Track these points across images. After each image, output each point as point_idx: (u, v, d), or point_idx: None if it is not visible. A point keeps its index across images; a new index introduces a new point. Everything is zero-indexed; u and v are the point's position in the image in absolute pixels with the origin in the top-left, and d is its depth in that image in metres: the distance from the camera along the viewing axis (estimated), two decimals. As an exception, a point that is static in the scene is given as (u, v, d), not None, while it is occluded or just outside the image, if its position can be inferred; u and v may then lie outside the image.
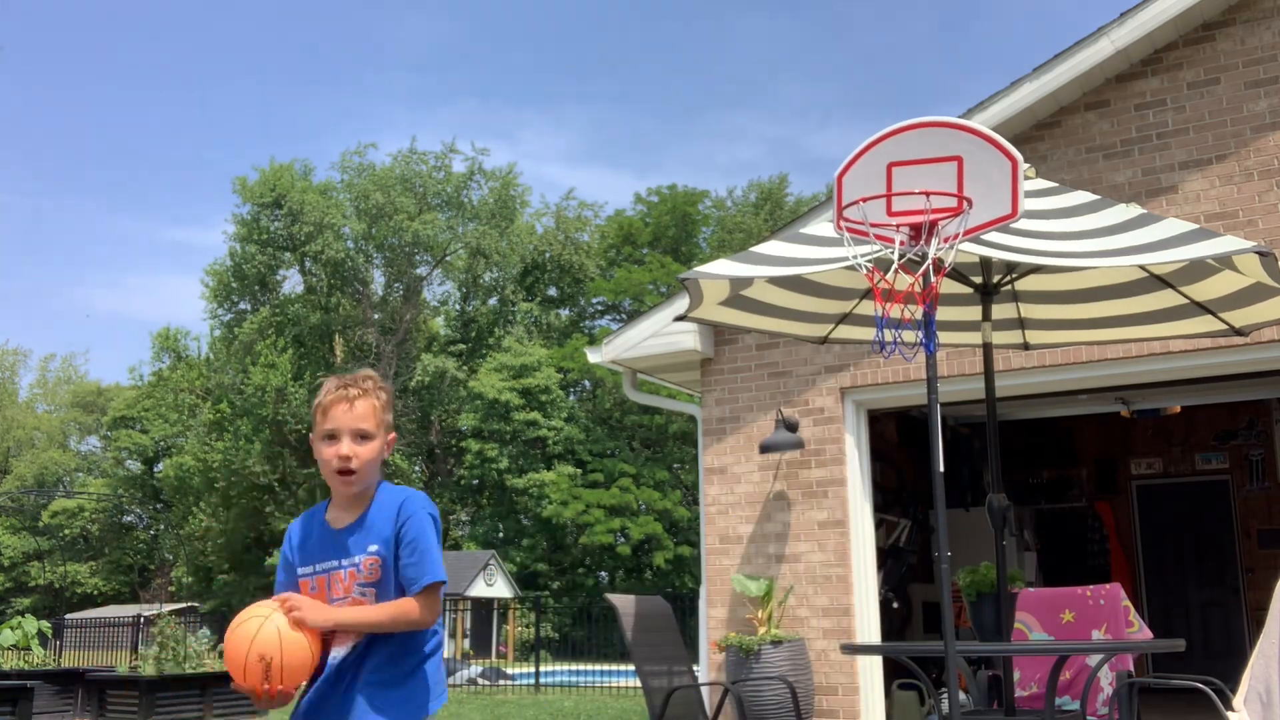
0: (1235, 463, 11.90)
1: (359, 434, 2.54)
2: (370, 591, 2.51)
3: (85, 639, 25.76)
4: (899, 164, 3.79)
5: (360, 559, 2.52)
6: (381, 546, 2.52)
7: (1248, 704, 3.39)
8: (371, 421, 2.56)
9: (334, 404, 2.55)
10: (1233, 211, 7.28)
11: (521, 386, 40.29)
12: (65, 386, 63.12)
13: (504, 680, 18.17)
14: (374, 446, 2.57)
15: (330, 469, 2.55)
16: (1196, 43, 7.58)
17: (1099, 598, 5.34)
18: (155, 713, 9.49)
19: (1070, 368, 7.61)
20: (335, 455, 2.53)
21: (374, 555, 2.52)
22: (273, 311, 46.58)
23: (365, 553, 2.52)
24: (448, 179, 45.76)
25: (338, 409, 2.55)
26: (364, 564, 2.52)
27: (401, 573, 2.51)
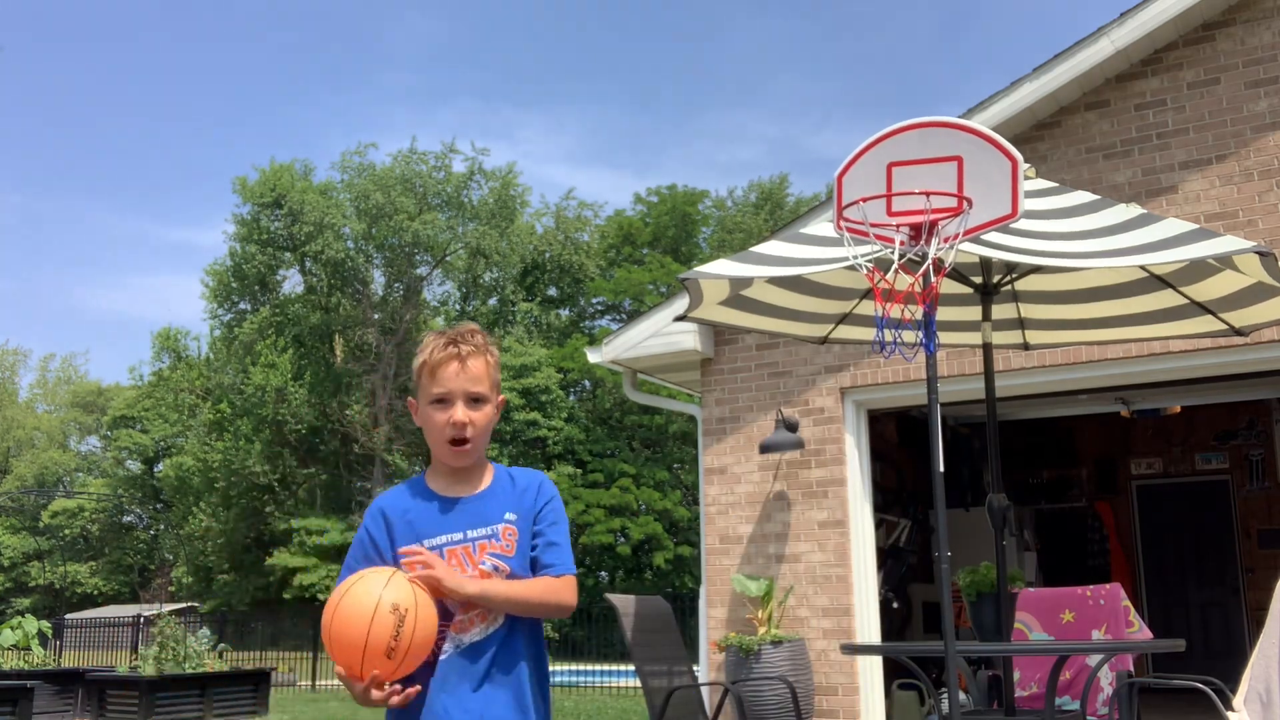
0: (1235, 463, 11.90)
1: (472, 398, 2.26)
2: (503, 568, 2.22)
3: (85, 639, 25.75)
4: (899, 164, 3.79)
5: (499, 527, 2.24)
6: (519, 519, 2.27)
7: (1248, 704, 3.39)
8: (485, 383, 2.28)
9: (443, 364, 2.26)
10: (1233, 211, 7.28)
11: (521, 386, 40.27)
12: (65, 386, 63.13)
13: (504, 680, 18.10)
14: (488, 412, 2.29)
15: (441, 438, 2.26)
16: (1196, 43, 7.58)
17: (1099, 598, 5.34)
18: (155, 713, 9.49)
19: (1070, 368, 7.61)
20: (449, 422, 2.24)
21: (511, 525, 2.25)
22: (273, 311, 46.58)
23: (503, 520, 2.25)
24: (448, 179, 45.75)
25: (448, 370, 2.25)
26: (503, 532, 2.23)
27: (539, 556, 2.27)
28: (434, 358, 2.28)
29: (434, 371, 2.27)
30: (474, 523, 2.25)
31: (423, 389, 2.31)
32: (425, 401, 2.30)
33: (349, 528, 43.68)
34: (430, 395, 2.28)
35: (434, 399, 2.27)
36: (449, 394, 2.25)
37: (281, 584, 43.20)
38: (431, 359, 2.29)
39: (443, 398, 2.26)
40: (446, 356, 2.27)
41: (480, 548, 2.23)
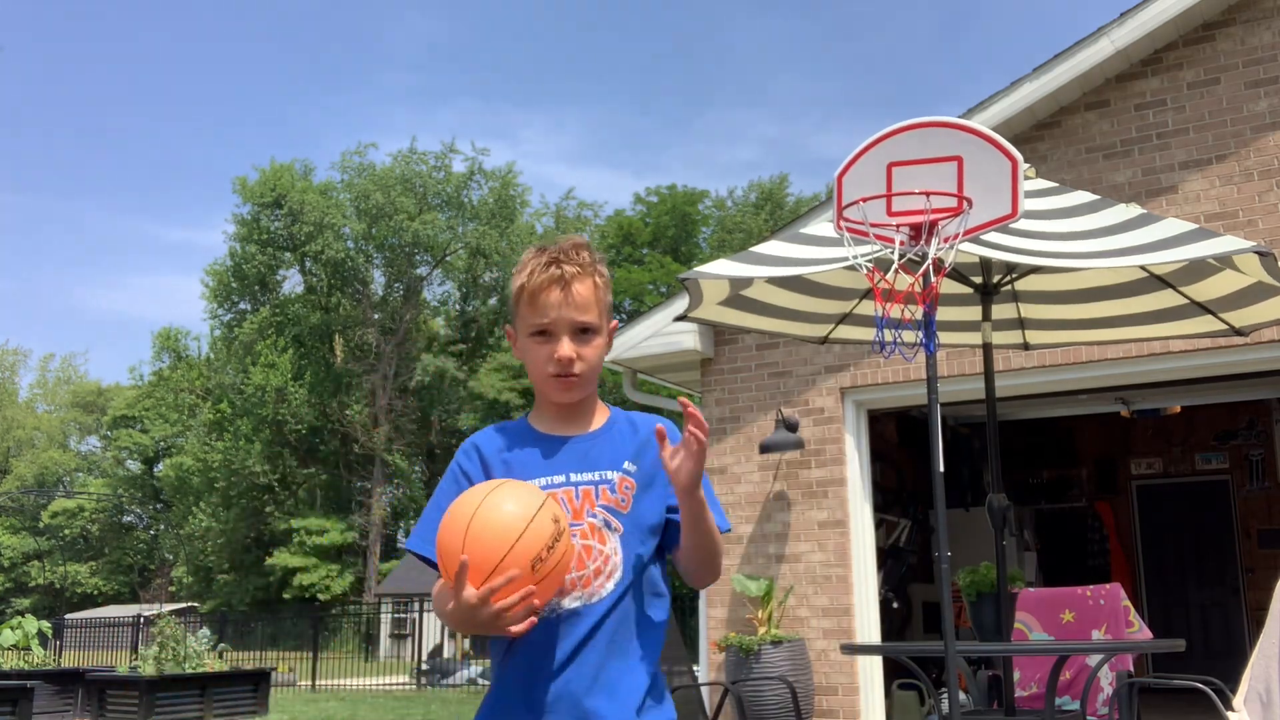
0: (1235, 463, 11.90)
1: (580, 327, 1.92)
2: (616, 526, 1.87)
3: (85, 639, 25.76)
4: (899, 164, 3.79)
5: (614, 476, 1.90)
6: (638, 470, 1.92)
7: (1248, 704, 3.39)
8: (594, 310, 1.94)
9: (544, 289, 1.91)
10: (1233, 211, 7.28)
11: (521, 387, 40.27)
12: (65, 386, 63.15)
13: (504, 680, 18.10)
14: (599, 343, 1.96)
15: (544, 373, 1.94)
16: (1196, 43, 7.58)
17: (1099, 598, 5.34)
18: (155, 713, 9.49)
19: (1070, 368, 7.61)
20: (552, 357, 1.91)
21: (630, 477, 1.91)
22: (273, 311, 46.61)
23: (620, 469, 1.91)
24: (448, 179, 45.79)
25: (550, 295, 1.91)
26: (619, 483, 1.89)
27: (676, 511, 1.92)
28: (533, 281, 1.93)
29: (533, 298, 1.92)
30: (580, 465, 1.91)
31: (520, 318, 1.96)
32: (524, 332, 1.96)
33: (349, 528, 43.69)
34: (529, 326, 1.94)
35: (534, 330, 1.93)
36: (551, 325, 1.91)
37: (281, 584, 43.22)
38: (530, 283, 1.93)
39: (544, 329, 1.92)
40: (547, 280, 1.91)
41: (585, 495, 1.88)
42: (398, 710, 12.55)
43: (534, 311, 1.92)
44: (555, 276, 1.91)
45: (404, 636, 29.40)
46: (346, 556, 43.88)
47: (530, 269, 1.94)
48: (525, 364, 2.00)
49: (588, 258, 1.96)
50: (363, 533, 43.95)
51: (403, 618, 29.62)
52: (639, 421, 2.00)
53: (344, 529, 43.47)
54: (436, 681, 18.45)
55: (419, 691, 16.68)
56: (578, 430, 1.97)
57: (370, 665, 25.63)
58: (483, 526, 1.66)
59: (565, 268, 1.91)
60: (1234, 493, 11.87)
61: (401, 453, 44.54)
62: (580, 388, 1.95)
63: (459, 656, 25.93)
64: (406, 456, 45.03)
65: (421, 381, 44.09)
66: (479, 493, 1.73)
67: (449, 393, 44.43)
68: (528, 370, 1.99)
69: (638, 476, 1.91)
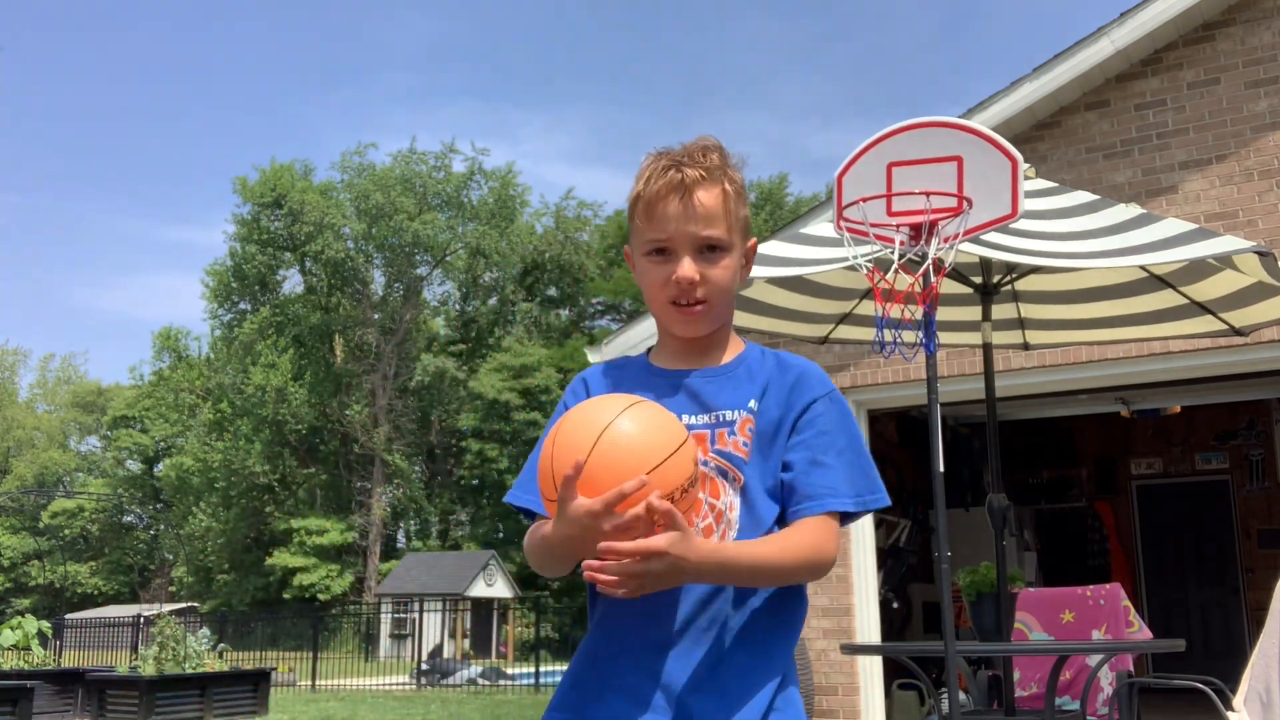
0: (1235, 463, 11.90)
1: (704, 243, 1.61)
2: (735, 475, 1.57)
3: (85, 639, 25.76)
4: (899, 164, 3.79)
5: (735, 416, 1.60)
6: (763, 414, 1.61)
7: (1248, 704, 3.39)
8: (721, 223, 1.62)
9: (662, 197, 1.61)
10: (1233, 211, 7.28)
11: (521, 387, 40.30)
12: (65, 386, 63.16)
13: (504, 680, 18.19)
14: (728, 264, 1.64)
15: (661, 300, 1.64)
16: (1196, 43, 7.58)
17: (1099, 598, 5.34)
18: (155, 713, 9.49)
19: (1070, 368, 7.61)
20: (673, 279, 1.61)
21: (753, 417, 1.60)
22: (273, 311, 46.62)
23: (743, 408, 1.61)
24: (448, 179, 45.81)
25: (668, 206, 1.61)
26: (741, 424, 1.59)
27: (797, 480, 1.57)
28: (649, 189, 1.62)
29: (649, 209, 1.62)
30: (694, 405, 1.62)
31: (636, 233, 1.66)
32: (640, 251, 1.66)
33: (349, 528, 43.71)
34: (645, 242, 1.64)
35: (650, 248, 1.64)
36: (669, 241, 1.61)
37: (281, 584, 43.23)
38: (646, 191, 1.63)
39: (662, 246, 1.62)
40: (665, 187, 1.61)
41: (699, 441, 1.56)
42: (398, 710, 12.56)
43: (650, 225, 1.62)
44: (675, 183, 1.60)
45: (404, 636, 29.41)
46: (346, 556, 43.89)
47: (648, 175, 1.63)
48: (642, 289, 1.68)
49: (716, 160, 1.64)
50: (363, 533, 43.96)
51: (403, 618, 29.64)
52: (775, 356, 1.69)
53: (344, 529, 43.48)
54: (436, 681, 18.46)
55: (419, 691, 16.69)
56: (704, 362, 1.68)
57: (370, 665, 25.64)
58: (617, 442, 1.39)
59: (687, 172, 1.60)
60: (1234, 493, 11.87)
61: (401, 453, 44.54)
62: (705, 318, 1.64)
63: (459, 656, 25.95)
64: (406, 456, 45.04)
65: (421, 381, 44.10)
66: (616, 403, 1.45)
67: (449, 393, 44.44)
68: (645, 297, 1.69)
69: (760, 418, 1.60)
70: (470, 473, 43.92)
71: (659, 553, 1.36)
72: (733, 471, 1.58)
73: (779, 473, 1.59)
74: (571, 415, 1.46)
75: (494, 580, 32.07)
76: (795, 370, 1.65)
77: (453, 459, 46.31)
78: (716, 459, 1.58)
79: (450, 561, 33.56)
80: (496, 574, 32.38)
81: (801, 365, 1.66)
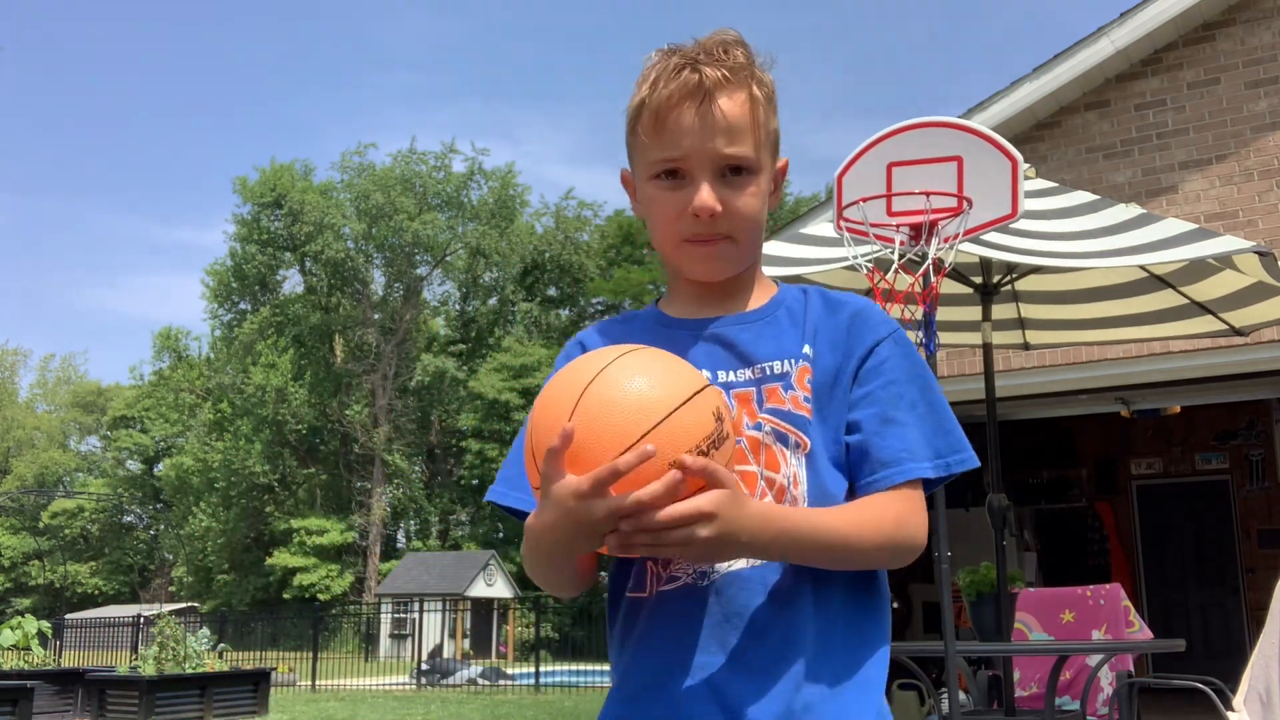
0: (1235, 463, 11.90)
1: (728, 163, 1.26)
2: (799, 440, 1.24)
3: (85, 639, 25.75)
4: (899, 164, 3.79)
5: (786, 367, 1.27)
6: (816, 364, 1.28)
7: (1248, 704, 3.39)
8: (749, 140, 1.27)
9: (675, 105, 1.25)
10: (1233, 211, 7.28)
11: (521, 386, 40.29)
12: (65, 386, 63.16)
13: (504, 680, 18.18)
14: (757, 189, 1.29)
15: (672, 234, 1.30)
16: (1196, 43, 7.58)
17: (1099, 598, 5.34)
18: (155, 713, 9.49)
19: (1070, 368, 7.61)
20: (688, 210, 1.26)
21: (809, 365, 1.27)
22: (273, 311, 46.62)
23: (796, 355, 1.28)
24: (447, 179, 45.80)
25: (682, 117, 1.25)
26: (798, 376, 1.26)
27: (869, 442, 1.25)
28: (657, 95, 1.26)
29: (658, 120, 1.27)
30: (729, 358, 1.30)
31: (639, 150, 1.31)
32: (645, 174, 1.31)
33: (349, 528, 43.72)
34: (652, 163, 1.29)
35: (659, 169, 1.28)
36: (685, 161, 1.26)
37: (281, 584, 43.22)
38: (654, 97, 1.27)
39: (673, 167, 1.27)
40: (680, 91, 1.25)
41: (742, 400, 1.26)
42: (398, 710, 12.56)
43: (659, 140, 1.27)
44: (691, 86, 1.25)
45: (404, 636, 29.41)
46: (346, 556, 43.89)
47: (655, 77, 1.27)
48: (648, 223, 1.35)
49: (741, 58, 1.29)
50: (363, 533, 43.96)
51: (403, 618, 29.63)
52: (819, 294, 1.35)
53: (344, 529, 43.48)
54: (436, 681, 18.46)
55: (419, 691, 16.69)
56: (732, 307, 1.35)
57: (370, 665, 25.64)
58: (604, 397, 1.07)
59: (706, 73, 1.25)
60: (1234, 493, 11.87)
61: (401, 453, 44.53)
62: (729, 257, 1.30)
63: (459, 656, 25.96)
64: (406, 456, 45.02)
65: (421, 381, 44.09)
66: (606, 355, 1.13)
67: (449, 393, 44.44)
68: (651, 232, 1.34)
69: (818, 364, 1.27)
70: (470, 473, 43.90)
71: (705, 516, 1.05)
72: (795, 435, 1.24)
73: (842, 437, 1.26)
74: (553, 379, 1.14)
75: (494, 580, 32.06)
76: (848, 308, 1.31)
77: (453, 459, 46.31)
78: (772, 420, 1.24)
79: (450, 561, 33.54)
80: (496, 574, 32.37)
81: (855, 302, 1.33)
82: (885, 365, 1.28)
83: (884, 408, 1.26)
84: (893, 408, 1.26)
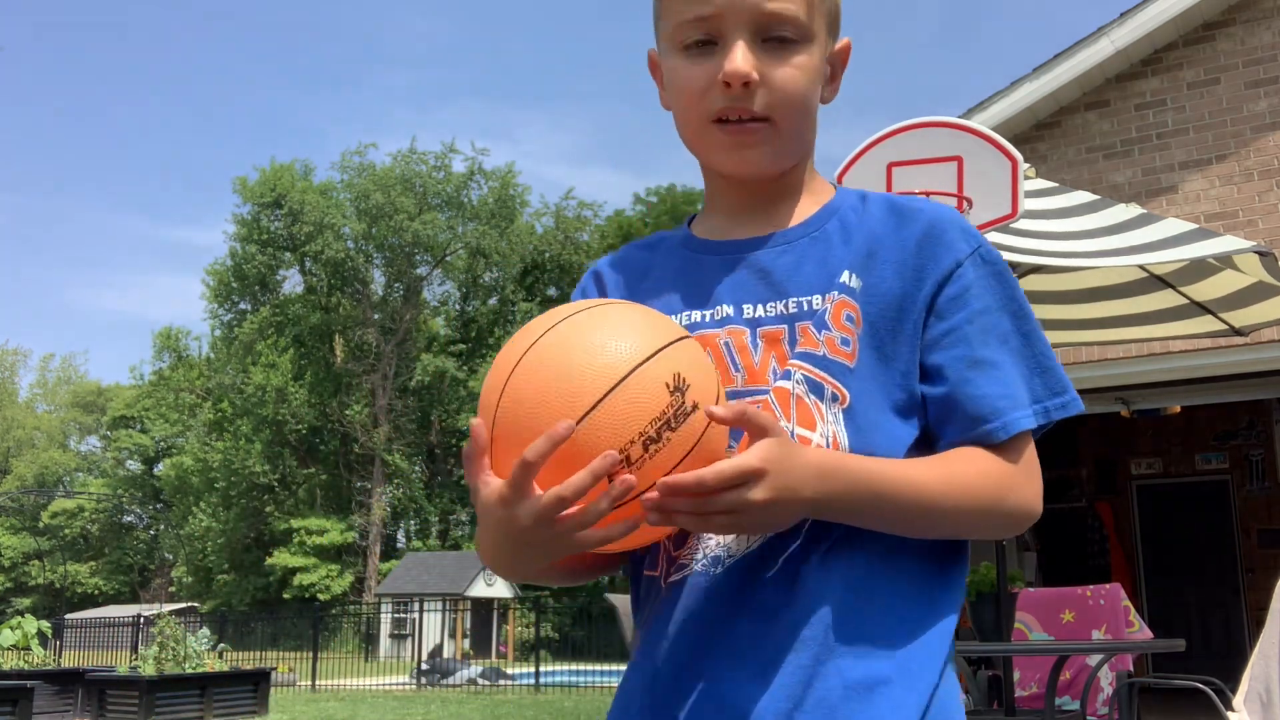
0: (1235, 463, 11.90)
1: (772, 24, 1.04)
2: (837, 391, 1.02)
3: (85, 639, 25.76)
4: (899, 164, 3.79)
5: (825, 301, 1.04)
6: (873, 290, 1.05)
7: (1248, 704, 3.39)
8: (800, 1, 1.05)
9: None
10: (1233, 211, 7.28)
11: (521, 386, 40.29)
12: (65, 386, 63.17)
13: (504, 680, 18.18)
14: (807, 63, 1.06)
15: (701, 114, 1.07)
16: (1196, 43, 7.58)
17: (1099, 598, 5.34)
18: (155, 713, 9.49)
19: (1070, 368, 7.61)
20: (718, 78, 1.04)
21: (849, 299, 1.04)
22: (273, 311, 46.63)
23: (834, 286, 1.05)
24: (448, 179, 45.81)
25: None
26: (834, 311, 1.04)
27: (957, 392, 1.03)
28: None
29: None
30: (764, 290, 1.07)
31: (665, 11, 1.09)
32: (672, 44, 1.09)
33: (349, 528, 43.74)
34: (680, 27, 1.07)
35: (686, 36, 1.07)
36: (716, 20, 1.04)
37: (281, 584, 43.24)
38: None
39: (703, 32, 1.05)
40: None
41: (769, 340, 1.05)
42: (398, 710, 12.56)
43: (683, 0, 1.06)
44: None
45: (404, 636, 29.41)
46: (346, 556, 43.90)
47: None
48: (674, 110, 1.11)
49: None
50: (363, 533, 43.97)
51: (403, 618, 29.64)
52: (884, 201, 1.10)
53: (344, 529, 43.49)
54: (436, 681, 18.46)
55: (419, 691, 16.69)
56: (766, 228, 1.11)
57: (370, 665, 25.64)
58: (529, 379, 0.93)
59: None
60: (1234, 493, 11.87)
61: (401, 453, 44.54)
62: (766, 145, 1.07)
63: (459, 656, 25.96)
64: (406, 456, 45.03)
65: (421, 381, 44.10)
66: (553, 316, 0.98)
67: (449, 393, 44.45)
68: (676, 122, 1.11)
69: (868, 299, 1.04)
70: (470, 473, 43.93)
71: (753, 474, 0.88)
72: (831, 385, 1.01)
73: (912, 382, 1.03)
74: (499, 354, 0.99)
75: (494, 580, 32.06)
76: (921, 219, 1.06)
77: (453, 459, 46.30)
78: (803, 367, 1.02)
79: (450, 561, 33.54)
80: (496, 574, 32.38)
81: (928, 212, 1.07)
82: (970, 293, 1.05)
83: (971, 347, 1.03)
84: (982, 345, 1.04)
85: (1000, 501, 1.01)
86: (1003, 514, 1.02)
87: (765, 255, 1.09)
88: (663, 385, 0.91)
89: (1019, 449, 1.04)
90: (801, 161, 1.13)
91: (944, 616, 1.02)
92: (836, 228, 1.09)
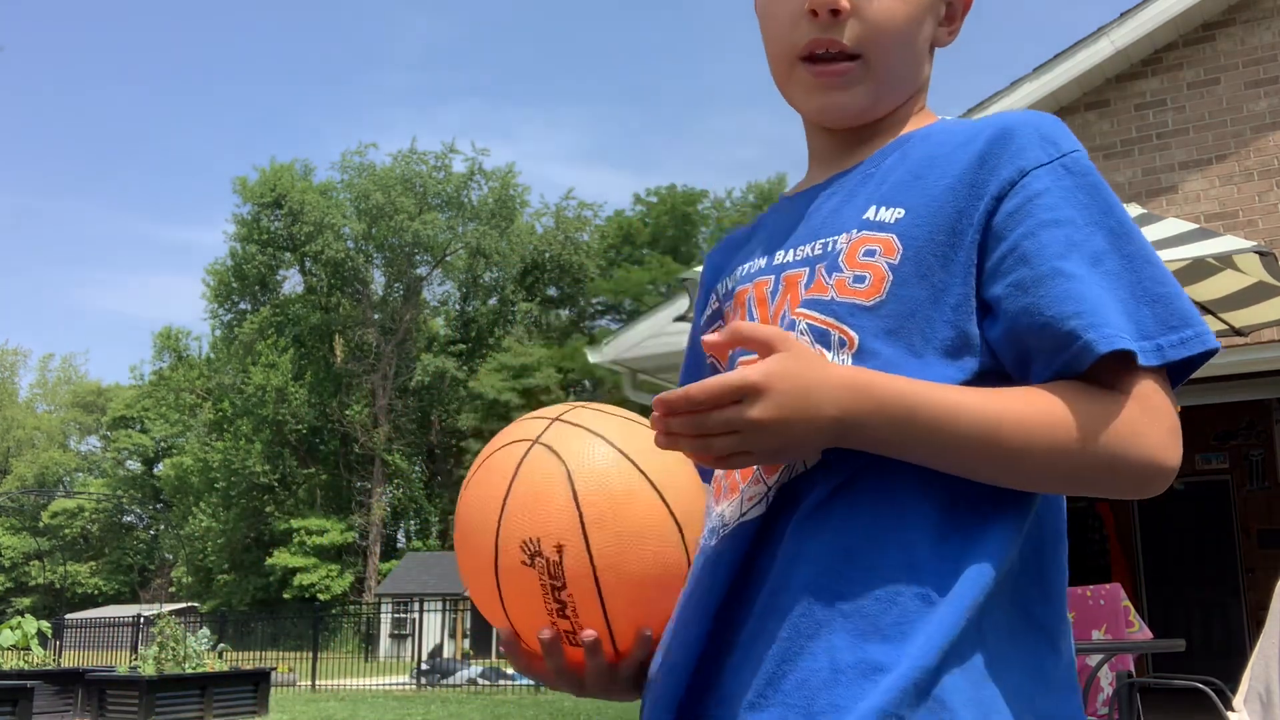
0: (1235, 463, 11.90)
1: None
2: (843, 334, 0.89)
3: (85, 639, 25.76)
4: (899, 164, 3.79)
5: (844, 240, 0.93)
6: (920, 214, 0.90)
7: (1248, 704, 3.39)
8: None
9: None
10: (1233, 211, 7.28)
11: (521, 386, 40.31)
12: (65, 386, 63.18)
13: (504, 680, 18.18)
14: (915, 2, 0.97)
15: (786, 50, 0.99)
16: (1196, 43, 7.58)
17: (1099, 598, 5.34)
18: (155, 713, 9.49)
19: (1070, 368, 7.61)
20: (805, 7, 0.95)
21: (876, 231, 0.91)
22: (273, 311, 46.65)
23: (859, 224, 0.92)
24: (448, 179, 45.82)
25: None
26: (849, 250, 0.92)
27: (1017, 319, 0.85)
28: None
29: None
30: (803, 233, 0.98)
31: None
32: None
33: (349, 528, 43.76)
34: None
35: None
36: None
37: (281, 584, 43.25)
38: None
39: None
40: None
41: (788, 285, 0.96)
42: (398, 710, 12.56)
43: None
44: None
45: (404, 636, 29.42)
46: (346, 556, 43.92)
47: None
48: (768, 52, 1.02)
49: None
50: (363, 533, 43.99)
51: (403, 618, 29.65)
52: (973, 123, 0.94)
53: (344, 529, 43.50)
54: (436, 681, 18.47)
55: (419, 691, 16.69)
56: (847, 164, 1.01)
57: (370, 665, 25.65)
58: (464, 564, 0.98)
59: None
60: (1234, 493, 11.87)
61: (401, 453, 44.56)
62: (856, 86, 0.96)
63: (459, 656, 25.96)
64: (406, 456, 45.05)
65: (421, 381, 44.11)
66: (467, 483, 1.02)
67: (449, 393, 44.46)
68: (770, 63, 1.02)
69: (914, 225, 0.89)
70: (470, 473, 43.99)
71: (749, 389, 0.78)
72: (838, 330, 0.89)
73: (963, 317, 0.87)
74: None
75: (494, 580, 32.06)
76: (992, 127, 0.90)
77: (453, 459, 46.31)
78: (808, 315, 0.91)
79: (450, 561, 33.54)
80: (496, 574, 32.37)
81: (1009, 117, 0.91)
82: (1038, 202, 0.86)
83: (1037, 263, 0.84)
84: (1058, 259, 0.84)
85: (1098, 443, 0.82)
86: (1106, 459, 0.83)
87: (819, 199, 0.99)
88: (520, 565, 0.90)
89: (1128, 383, 0.83)
90: (908, 103, 1.00)
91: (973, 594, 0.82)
92: (897, 160, 0.95)
